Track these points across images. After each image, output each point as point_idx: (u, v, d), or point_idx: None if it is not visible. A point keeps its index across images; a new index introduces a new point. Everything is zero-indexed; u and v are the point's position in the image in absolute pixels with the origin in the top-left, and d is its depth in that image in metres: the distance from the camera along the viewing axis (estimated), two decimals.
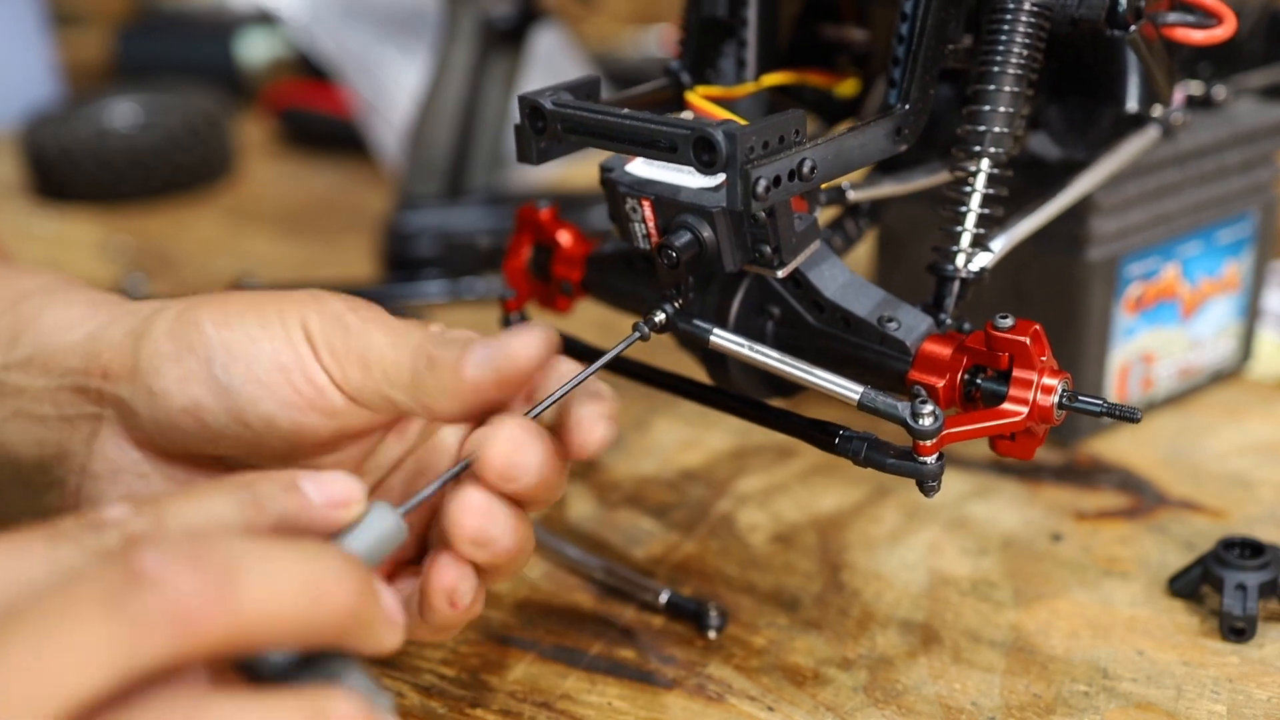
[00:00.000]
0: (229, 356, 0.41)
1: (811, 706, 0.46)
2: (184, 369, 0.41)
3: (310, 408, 0.41)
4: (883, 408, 0.42)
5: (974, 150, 0.47)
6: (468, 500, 0.38)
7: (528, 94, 0.44)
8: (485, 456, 0.38)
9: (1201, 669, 0.48)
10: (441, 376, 0.40)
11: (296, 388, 0.41)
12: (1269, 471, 0.60)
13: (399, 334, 0.41)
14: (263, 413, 0.41)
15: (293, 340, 0.41)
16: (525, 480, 0.38)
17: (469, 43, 0.84)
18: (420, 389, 0.40)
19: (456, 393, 0.40)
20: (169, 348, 0.42)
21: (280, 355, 0.41)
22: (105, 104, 1.02)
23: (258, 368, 0.41)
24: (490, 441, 0.38)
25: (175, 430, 0.42)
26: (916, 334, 0.45)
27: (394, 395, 0.41)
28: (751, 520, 0.57)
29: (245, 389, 0.41)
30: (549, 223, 0.53)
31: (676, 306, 0.45)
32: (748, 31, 0.51)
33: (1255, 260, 0.65)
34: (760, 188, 0.39)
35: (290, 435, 0.42)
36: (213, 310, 0.42)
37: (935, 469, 0.41)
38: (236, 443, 0.42)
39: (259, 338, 0.41)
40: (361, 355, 0.41)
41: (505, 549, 0.39)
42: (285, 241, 0.93)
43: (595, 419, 0.40)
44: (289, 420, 0.41)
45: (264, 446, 0.42)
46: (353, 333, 0.41)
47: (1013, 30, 0.47)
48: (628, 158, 0.45)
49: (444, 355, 0.40)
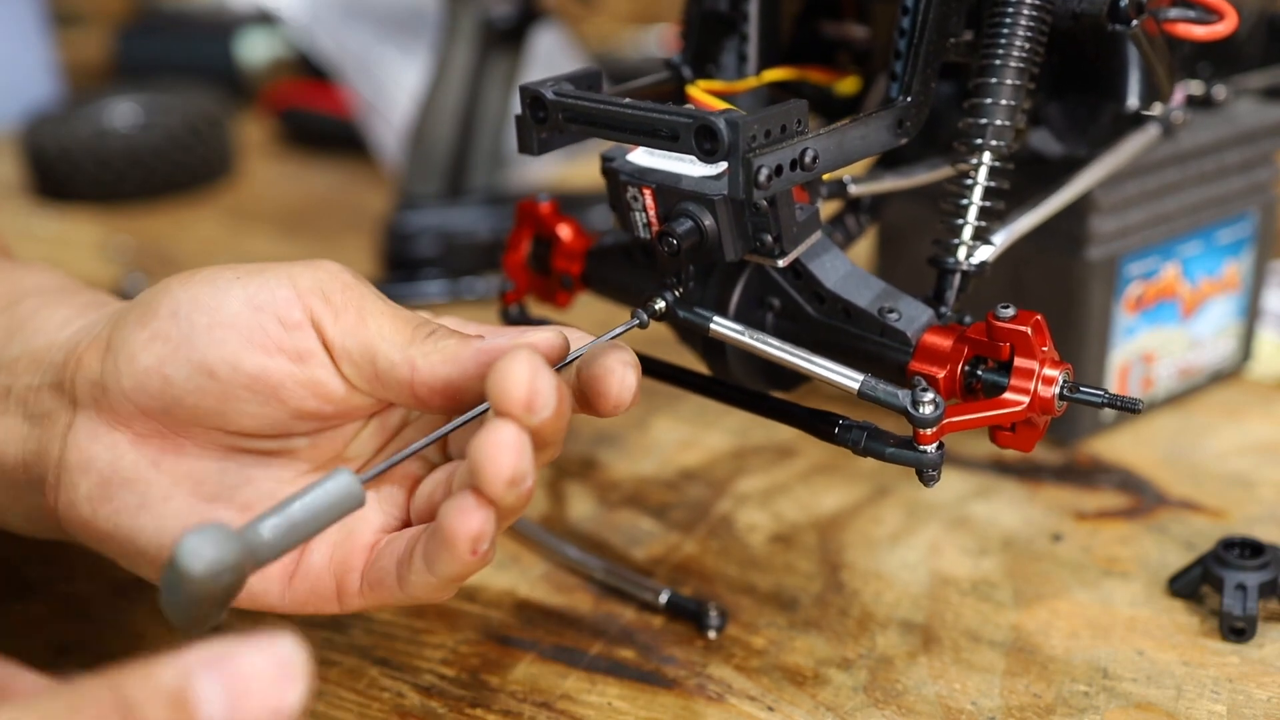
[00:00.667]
0: (193, 307, 0.41)
1: (811, 706, 0.46)
2: (149, 330, 0.41)
3: (278, 349, 0.41)
4: (883, 396, 0.42)
5: (975, 143, 0.47)
6: (503, 437, 0.36)
7: (529, 84, 0.44)
8: (506, 388, 0.36)
9: (1201, 669, 0.47)
10: (444, 341, 0.40)
11: (264, 326, 0.40)
12: (1269, 471, 0.60)
13: (402, 309, 0.42)
14: (227, 355, 0.40)
15: (270, 285, 0.41)
16: (546, 409, 0.37)
17: (469, 43, 0.84)
18: (416, 346, 0.40)
19: (454, 358, 0.39)
20: (137, 315, 0.42)
21: (254, 297, 0.41)
22: (105, 104, 1.02)
23: (224, 312, 0.41)
24: (508, 372, 0.36)
25: (142, 394, 0.41)
26: (917, 325, 0.45)
27: (381, 348, 0.40)
28: (751, 520, 0.57)
29: (209, 334, 0.40)
30: (549, 217, 0.53)
31: (677, 295, 0.45)
32: (749, 26, 0.51)
33: (1255, 260, 0.65)
34: (762, 176, 0.39)
35: (255, 383, 0.41)
36: (184, 274, 0.42)
37: (935, 458, 0.41)
38: (202, 396, 0.41)
39: (230, 287, 0.41)
40: (361, 306, 0.41)
41: (529, 490, 0.38)
42: (285, 241, 0.92)
43: (624, 365, 0.40)
44: (254, 364, 0.41)
45: (231, 401, 0.41)
46: (353, 287, 0.41)
47: (1014, 24, 0.47)
48: (629, 147, 0.45)
49: (451, 332, 0.40)
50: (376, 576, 0.41)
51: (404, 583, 0.40)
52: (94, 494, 0.42)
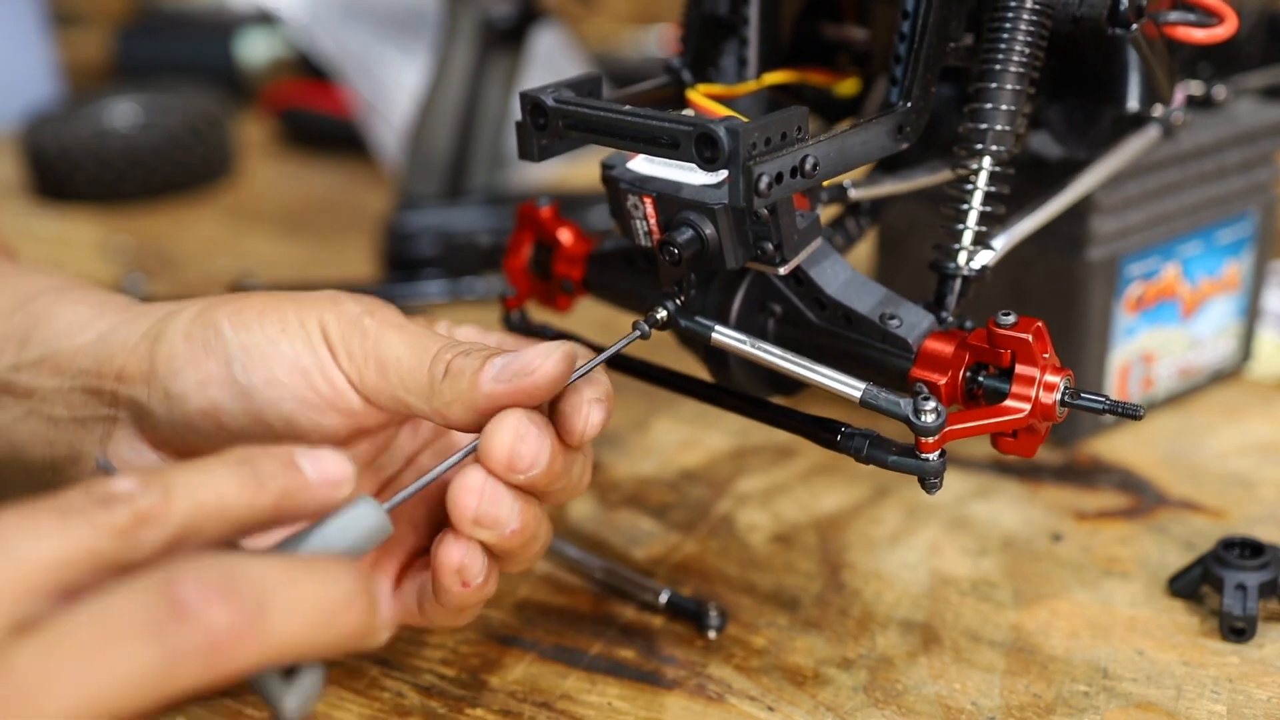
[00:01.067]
0: (248, 358, 0.42)
1: (811, 706, 0.46)
2: (203, 372, 0.42)
3: (330, 408, 0.42)
4: (884, 404, 0.42)
5: (976, 148, 0.47)
6: (467, 481, 0.39)
7: (529, 91, 0.44)
8: (488, 447, 0.39)
9: (1201, 669, 0.48)
10: (458, 386, 0.40)
11: (316, 389, 0.42)
12: (1269, 471, 0.60)
13: (416, 340, 0.42)
14: (283, 413, 0.42)
15: (312, 343, 0.42)
16: (530, 469, 0.39)
17: (469, 43, 0.84)
18: (436, 396, 0.41)
19: (471, 404, 0.40)
20: (186, 350, 0.42)
21: (301, 358, 0.42)
22: (105, 104, 1.02)
23: (278, 369, 0.41)
24: (493, 432, 0.39)
25: (191, 431, 0.42)
26: (918, 331, 0.45)
27: (410, 400, 0.42)
28: (751, 520, 0.57)
29: (266, 390, 0.41)
30: (550, 221, 0.53)
31: (678, 304, 0.45)
32: (749, 30, 0.51)
33: (1255, 260, 0.65)
34: (763, 184, 0.39)
35: (308, 434, 0.42)
36: (230, 313, 0.42)
37: (937, 466, 0.41)
38: (253, 438, 0.42)
39: (278, 340, 0.42)
40: (379, 359, 0.42)
41: (513, 531, 0.40)
42: (285, 241, 0.92)
43: (591, 403, 0.41)
44: (308, 420, 0.42)
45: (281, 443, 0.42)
46: (369, 337, 0.42)
47: (1014, 28, 0.47)
48: (629, 155, 0.45)
49: (463, 365, 0.41)
50: (402, 603, 0.44)
51: (424, 611, 0.43)
52: None
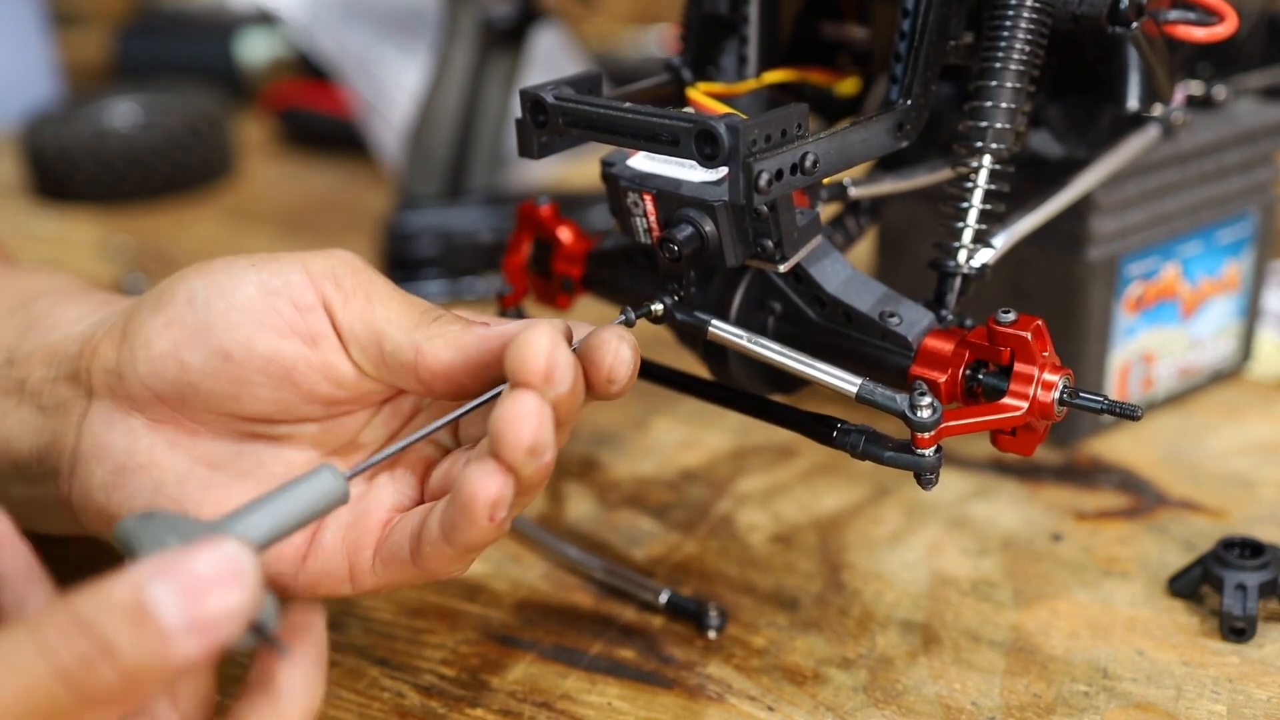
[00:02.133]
0: (210, 292, 0.42)
1: (811, 706, 0.46)
2: (165, 316, 0.42)
3: (291, 331, 0.42)
4: (881, 400, 0.42)
5: (976, 146, 0.47)
6: (524, 405, 0.37)
7: (529, 88, 0.44)
8: (526, 358, 0.37)
9: (1201, 669, 0.47)
10: (448, 328, 0.41)
11: (278, 309, 0.41)
12: (1269, 471, 0.60)
13: (412, 296, 0.43)
14: (241, 339, 0.41)
15: (283, 270, 0.42)
16: (564, 382, 0.38)
17: (469, 43, 0.84)
18: (420, 330, 0.41)
19: (457, 341, 0.40)
20: (152, 304, 0.43)
21: (268, 282, 0.42)
22: (105, 104, 1.02)
23: (240, 296, 0.41)
24: (529, 344, 0.37)
25: (157, 379, 0.42)
26: (918, 329, 0.45)
27: (388, 331, 0.41)
28: (751, 520, 0.57)
29: (225, 317, 0.41)
30: (549, 219, 0.53)
31: (675, 298, 0.45)
32: (749, 28, 0.51)
33: (1255, 260, 0.65)
34: (763, 181, 0.39)
35: (268, 365, 0.42)
36: (200, 264, 0.43)
37: (933, 461, 0.41)
38: (217, 380, 0.42)
39: (246, 275, 0.42)
40: (369, 291, 0.42)
41: (548, 463, 0.38)
42: (285, 241, 0.92)
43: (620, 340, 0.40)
44: (268, 346, 0.41)
45: (246, 385, 0.42)
46: (363, 273, 0.42)
47: (1015, 27, 0.47)
48: (629, 152, 0.45)
49: (453, 319, 0.41)
50: (390, 553, 0.42)
51: (419, 557, 0.41)
52: (108, 480, 0.43)
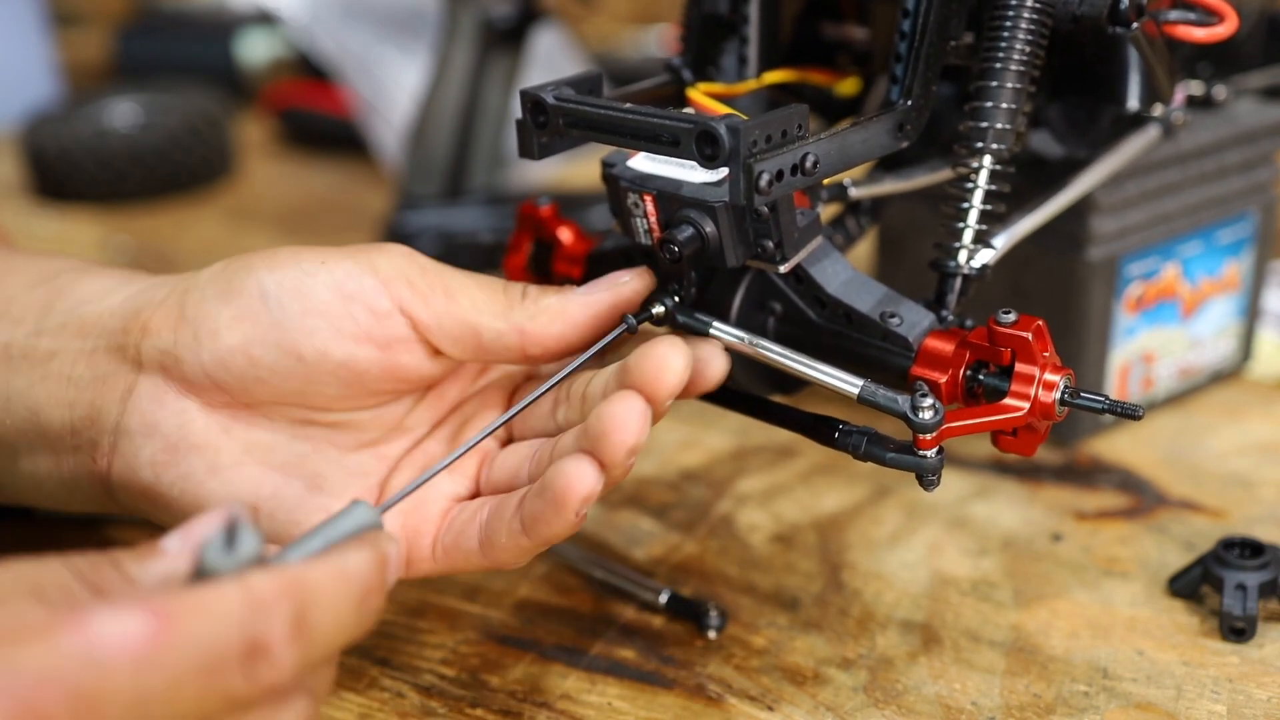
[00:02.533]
0: (282, 291, 0.42)
1: (811, 706, 0.46)
2: (236, 309, 0.42)
3: (367, 337, 0.42)
4: (882, 401, 0.42)
5: (976, 147, 0.47)
6: (633, 409, 0.38)
7: (530, 88, 0.44)
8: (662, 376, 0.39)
9: (1201, 669, 0.48)
10: (544, 300, 0.42)
11: (354, 315, 0.42)
12: (1269, 471, 0.60)
13: (480, 277, 0.44)
14: (317, 344, 0.42)
15: (355, 273, 0.42)
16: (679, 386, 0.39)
17: (469, 43, 0.84)
18: (519, 311, 0.42)
19: (562, 313, 0.42)
20: (216, 291, 0.43)
21: (343, 284, 0.42)
22: (105, 104, 1.02)
23: (315, 299, 0.42)
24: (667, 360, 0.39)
25: (223, 370, 0.42)
26: (919, 330, 0.45)
27: (483, 321, 0.42)
28: (751, 520, 0.57)
29: (301, 320, 0.42)
30: (549, 220, 0.53)
31: (675, 300, 0.45)
32: (749, 28, 0.51)
33: (1255, 260, 0.65)
34: (763, 182, 0.39)
35: (340, 370, 0.42)
36: (265, 255, 0.43)
37: (935, 463, 0.41)
38: (286, 379, 0.42)
39: (317, 272, 0.42)
40: (446, 286, 0.43)
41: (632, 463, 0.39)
42: (285, 241, 0.91)
43: (718, 353, 0.42)
44: (343, 351, 0.42)
45: (312, 384, 0.43)
46: (430, 269, 0.43)
47: (1015, 27, 0.47)
48: (629, 153, 0.45)
49: (542, 290, 0.43)
50: (452, 542, 0.43)
51: (490, 548, 0.42)
52: (158, 458, 0.43)
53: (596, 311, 0.43)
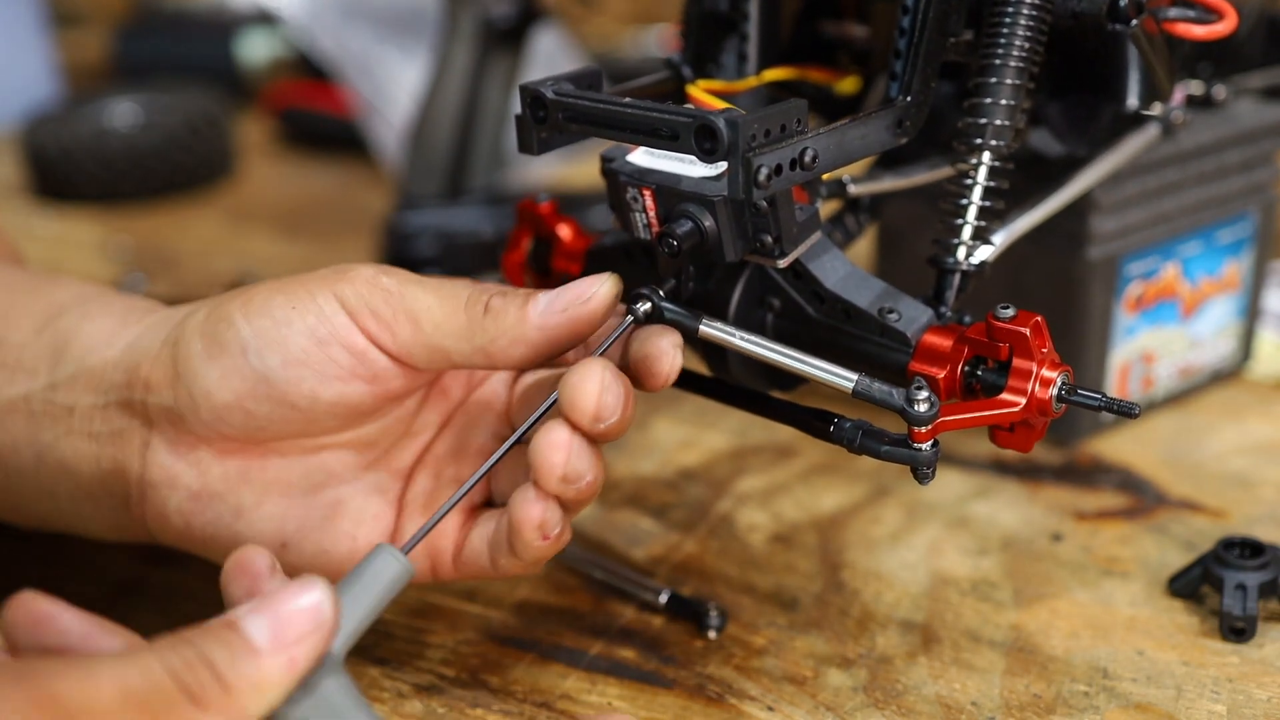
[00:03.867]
0: (262, 343, 0.41)
1: (811, 706, 0.46)
2: (221, 367, 0.42)
3: (352, 376, 0.42)
4: (877, 394, 0.42)
5: (975, 143, 0.47)
6: (553, 438, 0.39)
7: (529, 83, 0.44)
8: (574, 398, 0.39)
9: (1201, 669, 0.47)
10: (504, 322, 0.41)
11: (334, 358, 0.42)
12: (1269, 471, 0.60)
13: (443, 287, 0.42)
14: (305, 391, 0.42)
15: (326, 313, 0.42)
16: (610, 418, 0.39)
17: (469, 43, 0.84)
18: (480, 334, 0.41)
19: (522, 337, 0.41)
20: (203, 348, 0.42)
21: (316, 330, 0.41)
22: (105, 104, 1.02)
23: (293, 348, 0.41)
24: (578, 383, 0.39)
25: (225, 425, 0.42)
26: (917, 325, 0.45)
27: (448, 345, 0.42)
28: (751, 520, 0.57)
29: (284, 372, 0.41)
30: (549, 216, 0.53)
31: (660, 295, 0.45)
32: (749, 26, 0.51)
33: (1255, 260, 0.65)
34: (762, 176, 0.39)
35: (335, 407, 0.42)
36: (241, 303, 0.43)
37: (929, 456, 0.41)
38: (286, 424, 0.42)
39: (290, 319, 0.42)
40: (409, 312, 0.42)
41: (589, 483, 0.40)
42: (285, 241, 0.92)
43: (674, 347, 0.42)
44: (333, 393, 0.42)
45: (314, 423, 0.43)
46: (393, 293, 0.42)
47: (1014, 23, 0.47)
48: (629, 147, 0.45)
49: (504, 303, 0.41)
50: (469, 557, 0.44)
51: (496, 564, 0.43)
52: (185, 507, 0.44)
53: (554, 336, 0.41)
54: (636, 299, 0.45)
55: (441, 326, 0.41)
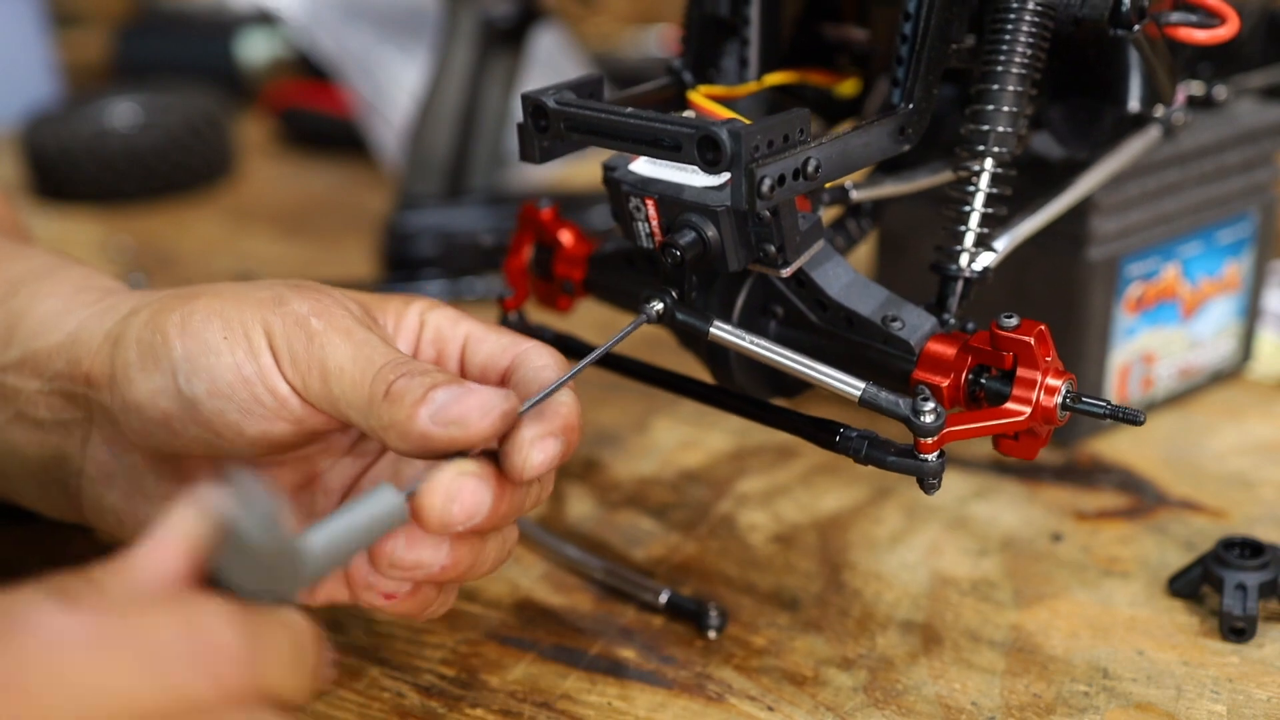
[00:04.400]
0: (191, 369, 0.41)
1: (811, 706, 0.46)
2: (152, 383, 0.41)
3: (275, 417, 0.41)
4: (884, 404, 0.42)
5: (978, 149, 0.47)
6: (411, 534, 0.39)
7: (531, 93, 0.44)
8: (421, 506, 0.38)
9: (1201, 669, 0.48)
10: (395, 414, 0.38)
11: (258, 398, 0.41)
12: (1269, 471, 0.60)
13: (361, 350, 0.40)
14: (229, 422, 0.41)
15: (254, 349, 0.40)
16: (467, 522, 0.38)
17: (469, 43, 0.84)
18: (374, 416, 0.39)
19: (405, 436, 0.38)
20: (138, 358, 0.42)
21: (242, 367, 0.40)
22: (105, 104, 1.02)
23: (220, 381, 0.40)
24: (427, 492, 0.37)
25: (153, 438, 0.42)
26: (921, 333, 0.45)
27: (350, 414, 0.40)
28: (751, 520, 0.57)
29: (209, 401, 0.41)
30: (550, 222, 0.53)
31: (673, 297, 0.45)
32: (750, 30, 0.51)
33: (1255, 260, 0.66)
34: (765, 186, 0.39)
35: (259, 440, 0.41)
36: (179, 318, 0.41)
37: (936, 466, 0.41)
38: (210, 448, 0.42)
39: (220, 348, 0.40)
40: (322, 366, 0.40)
41: (444, 567, 0.39)
42: (285, 241, 0.92)
43: (532, 443, 0.38)
44: (256, 429, 0.41)
45: (236, 450, 0.42)
46: (315, 341, 0.40)
47: (1016, 30, 0.47)
48: (631, 156, 0.45)
49: (404, 390, 0.38)
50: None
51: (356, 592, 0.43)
52: (119, 505, 0.43)
53: (434, 447, 0.38)
54: (649, 299, 0.45)
55: (347, 393, 0.40)
